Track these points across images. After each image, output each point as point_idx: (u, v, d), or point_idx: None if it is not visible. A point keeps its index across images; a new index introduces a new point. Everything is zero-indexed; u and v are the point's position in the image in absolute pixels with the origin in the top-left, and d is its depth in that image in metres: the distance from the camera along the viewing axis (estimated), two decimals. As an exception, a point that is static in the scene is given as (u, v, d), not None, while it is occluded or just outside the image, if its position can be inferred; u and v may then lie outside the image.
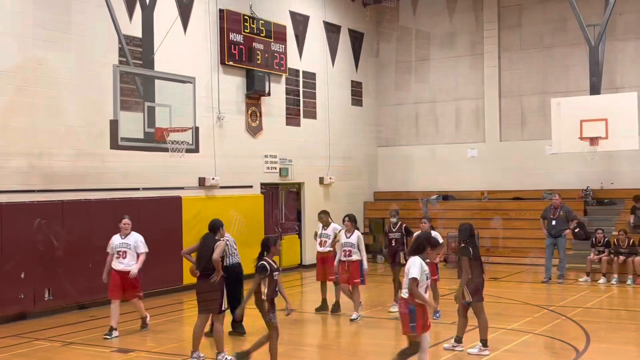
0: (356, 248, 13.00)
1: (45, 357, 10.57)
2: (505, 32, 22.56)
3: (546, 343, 11.10)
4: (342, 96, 22.69)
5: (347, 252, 12.93)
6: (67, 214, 13.97)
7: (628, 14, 20.82)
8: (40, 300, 13.48)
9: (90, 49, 14.84)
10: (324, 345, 11.66)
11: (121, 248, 11.87)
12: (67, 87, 14.43)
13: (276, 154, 19.82)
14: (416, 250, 8.43)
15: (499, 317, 12.88)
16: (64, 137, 14.34)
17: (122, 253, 11.81)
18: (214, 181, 17.45)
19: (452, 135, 23.39)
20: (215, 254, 9.69)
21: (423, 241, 8.52)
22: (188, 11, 17.17)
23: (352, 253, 12.93)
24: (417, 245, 8.51)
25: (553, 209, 17.36)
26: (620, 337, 11.47)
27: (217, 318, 9.79)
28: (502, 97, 22.59)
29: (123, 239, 11.90)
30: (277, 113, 19.96)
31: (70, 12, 14.52)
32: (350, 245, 12.96)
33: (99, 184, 14.95)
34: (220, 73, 17.99)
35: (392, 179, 24.17)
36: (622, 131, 16.16)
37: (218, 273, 9.71)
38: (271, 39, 19.33)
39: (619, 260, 16.81)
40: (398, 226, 13.89)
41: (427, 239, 8.64)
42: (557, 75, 21.77)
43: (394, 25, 24.15)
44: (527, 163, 21.99)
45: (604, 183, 20.94)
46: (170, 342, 11.21)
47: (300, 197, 20.96)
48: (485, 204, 22.04)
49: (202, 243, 9.93)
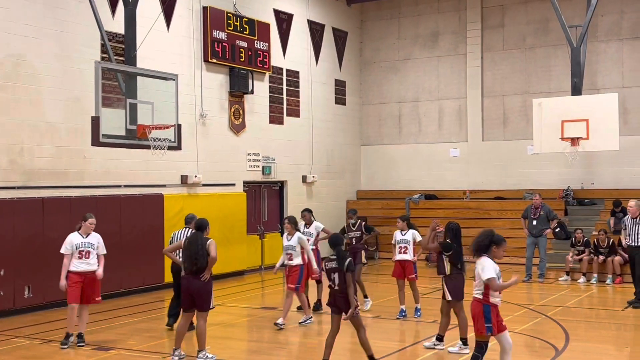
0: (298, 251, 12.43)
1: (24, 354, 10.49)
2: (488, 33, 22.67)
3: (526, 342, 11.17)
4: (326, 95, 22.71)
5: (289, 255, 12.42)
6: (47, 211, 13.87)
7: (609, 15, 20.99)
8: (20, 298, 13.39)
9: (72, 45, 14.74)
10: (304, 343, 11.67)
11: (84, 248, 10.88)
12: (48, 83, 14.32)
13: (259, 152, 19.80)
14: (481, 250, 7.92)
15: (479, 316, 12.94)
16: (44, 133, 14.24)
17: (85, 253, 10.87)
18: (196, 179, 17.41)
19: (435, 135, 23.47)
20: (212, 253, 9.67)
21: (485, 239, 7.92)
22: (171, 8, 17.10)
23: (293, 257, 12.35)
24: (480, 244, 7.93)
25: (534, 209, 17.46)
26: (599, 336, 11.56)
27: (202, 316, 9.77)
28: (485, 97, 22.71)
29: (85, 238, 10.95)
30: (261, 111, 19.93)
31: (52, 8, 14.42)
32: (291, 249, 12.40)
33: (80, 181, 14.86)
34: (203, 70, 17.94)
35: (375, 178, 24.24)
36: (602, 132, 16.33)
37: (209, 271, 9.70)
38: (255, 36, 19.30)
39: (599, 259, 16.95)
40: (357, 225, 13.76)
41: (490, 236, 7.93)
42: (539, 75, 21.91)
43: (377, 24, 24.21)
44: (509, 163, 22.13)
45: (585, 183, 21.11)
46: (152, 340, 11.17)
47: (283, 195, 20.96)
48: (467, 203, 22.15)
49: (193, 242, 9.81)
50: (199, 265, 9.66)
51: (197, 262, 9.66)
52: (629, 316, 13.08)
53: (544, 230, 17.29)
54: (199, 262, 9.65)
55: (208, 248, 9.74)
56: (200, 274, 9.66)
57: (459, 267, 10.34)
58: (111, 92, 13.71)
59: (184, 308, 9.90)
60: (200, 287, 9.66)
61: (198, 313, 9.79)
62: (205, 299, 9.74)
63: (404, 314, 12.73)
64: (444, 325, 10.44)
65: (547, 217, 17.36)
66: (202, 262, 9.66)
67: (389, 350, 10.41)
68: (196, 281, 9.66)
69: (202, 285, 9.66)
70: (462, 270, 10.40)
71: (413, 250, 12.82)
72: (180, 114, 14.13)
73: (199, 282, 9.64)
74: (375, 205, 23.22)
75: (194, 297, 9.72)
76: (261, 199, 20.30)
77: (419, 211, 21.28)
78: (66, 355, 10.45)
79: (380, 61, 24.20)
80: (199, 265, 9.66)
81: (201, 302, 9.72)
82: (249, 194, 19.52)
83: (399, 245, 12.85)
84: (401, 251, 12.79)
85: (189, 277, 9.73)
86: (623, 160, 20.17)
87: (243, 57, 18.89)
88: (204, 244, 9.74)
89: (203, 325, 9.78)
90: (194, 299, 9.73)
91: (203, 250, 9.69)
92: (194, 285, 9.67)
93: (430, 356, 10.13)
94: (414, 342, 11.10)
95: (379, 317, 12.98)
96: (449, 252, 10.24)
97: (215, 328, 11.91)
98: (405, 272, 12.77)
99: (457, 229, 10.41)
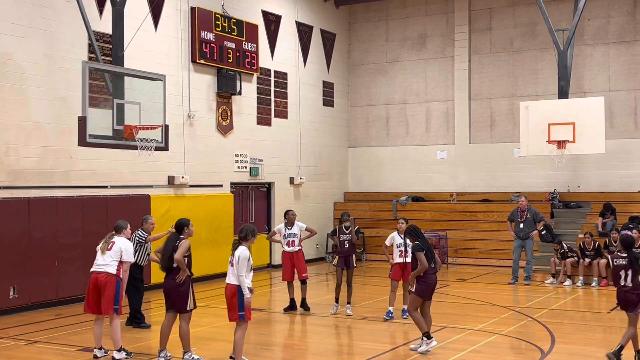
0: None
1: (9, 355, 10.42)
2: (475, 36, 22.75)
3: (512, 344, 11.21)
4: (314, 96, 22.71)
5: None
6: (33, 211, 13.79)
7: (596, 19, 21.11)
8: (4, 298, 13.30)
9: (59, 44, 14.67)
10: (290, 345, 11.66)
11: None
12: (35, 82, 14.25)
13: (246, 153, 19.77)
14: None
15: (465, 318, 13.00)
16: (31, 133, 14.16)
17: None
18: (183, 180, 17.36)
19: (422, 137, 23.52)
20: (177, 254, 9.63)
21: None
22: (159, 8, 17.06)
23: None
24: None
25: (520, 212, 17.51)
26: (584, 338, 11.62)
27: (183, 317, 9.74)
28: (472, 99, 22.78)
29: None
30: (248, 112, 19.91)
31: (39, 7, 14.34)
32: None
33: (66, 181, 14.78)
34: (191, 71, 17.90)
35: (363, 180, 24.26)
36: (589, 135, 16.41)
37: (184, 272, 9.66)
38: (243, 37, 19.28)
39: (585, 262, 17.03)
40: (350, 229, 13.44)
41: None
42: (526, 79, 22.01)
43: (365, 26, 24.24)
44: (496, 165, 22.21)
45: (571, 186, 21.21)
46: (138, 342, 11.12)
47: (270, 196, 20.94)
48: (454, 205, 22.21)
49: (167, 242, 9.85)
50: (164, 265, 9.70)
51: (163, 262, 9.73)
52: (614, 318, 13.15)
53: (531, 232, 17.36)
54: (164, 262, 9.70)
55: (177, 248, 9.72)
56: (172, 274, 9.65)
57: (432, 266, 10.35)
58: (98, 92, 13.66)
59: (166, 308, 9.89)
60: (174, 287, 9.65)
61: (179, 314, 9.77)
62: (181, 300, 9.69)
63: (391, 314, 12.74)
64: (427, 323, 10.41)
65: (533, 219, 17.43)
66: (167, 263, 9.67)
67: (377, 352, 10.42)
68: (171, 281, 9.67)
69: (176, 285, 9.64)
70: (436, 269, 10.46)
71: None
72: (168, 114, 14.10)
73: (174, 282, 9.64)
74: (363, 207, 23.24)
75: (170, 297, 9.74)
76: (248, 201, 20.26)
77: (406, 213, 21.28)
78: (51, 357, 10.38)
79: (368, 63, 24.23)
80: (164, 264, 9.70)
81: (177, 302, 9.71)
82: (236, 195, 19.48)
83: (400, 249, 12.80)
84: (401, 254, 12.74)
85: (166, 277, 9.76)
86: (609, 164, 20.30)
87: (231, 58, 18.86)
88: (172, 244, 9.72)
89: (185, 326, 9.75)
90: (170, 299, 9.75)
91: (171, 252, 9.67)
92: (169, 285, 9.70)
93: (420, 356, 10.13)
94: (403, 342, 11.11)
95: (366, 318, 12.98)
96: (423, 252, 10.28)
97: (202, 329, 11.89)
98: (404, 274, 12.65)
99: (416, 230, 10.59)
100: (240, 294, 9.24)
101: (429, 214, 22.06)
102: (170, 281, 9.67)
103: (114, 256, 10.08)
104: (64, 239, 14.21)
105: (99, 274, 10.07)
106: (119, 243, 10.17)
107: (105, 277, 10.00)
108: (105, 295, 9.97)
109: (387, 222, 21.77)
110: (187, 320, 9.77)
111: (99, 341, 10.20)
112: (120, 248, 10.12)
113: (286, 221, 13.72)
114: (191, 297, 9.78)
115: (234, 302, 9.26)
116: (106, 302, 9.95)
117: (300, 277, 13.58)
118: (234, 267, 9.30)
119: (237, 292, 9.24)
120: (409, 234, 10.67)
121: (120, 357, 9.96)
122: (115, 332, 9.99)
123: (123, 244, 10.19)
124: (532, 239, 17.39)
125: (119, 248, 10.12)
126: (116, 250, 10.11)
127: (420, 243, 10.41)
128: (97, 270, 10.10)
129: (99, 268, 10.10)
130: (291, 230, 13.64)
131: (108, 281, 9.99)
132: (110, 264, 10.06)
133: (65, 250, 14.29)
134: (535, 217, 17.47)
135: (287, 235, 13.64)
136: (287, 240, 13.65)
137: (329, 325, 12.71)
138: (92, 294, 10.11)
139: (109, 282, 9.99)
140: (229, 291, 9.32)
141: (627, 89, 20.75)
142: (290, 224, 13.68)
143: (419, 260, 10.28)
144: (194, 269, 9.99)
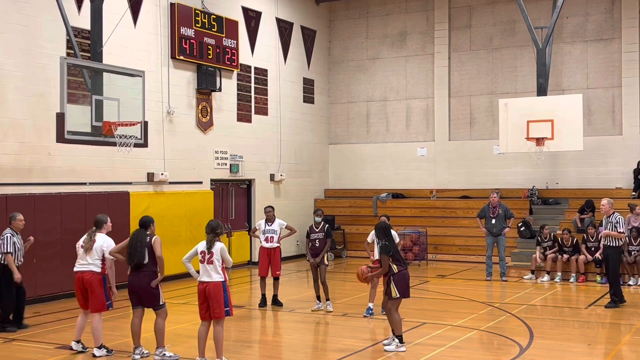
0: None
1: (-14, 354, 10.33)
2: (455, 33, 22.84)
3: (491, 339, 11.28)
4: (294, 93, 22.69)
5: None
6: (10, 208, 13.61)
7: (574, 17, 21.27)
8: (-19, 296, 13.14)
9: (37, 40, 14.54)
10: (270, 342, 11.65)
11: None
12: (12, 78, 14.11)
13: (227, 149, 19.72)
14: None
15: (444, 314, 13.06)
16: (8, 129, 14.03)
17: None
18: (162, 176, 17.28)
19: (402, 134, 23.58)
20: (158, 252, 9.59)
21: None
22: (138, 4, 16.95)
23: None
24: None
25: (492, 208, 17.45)
26: (563, 334, 11.71)
27: (159, 313, 9.73)
28: (452, 97, 22.87)
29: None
30: (228, 109, 19.86)
31: (17, 2, 14.20)
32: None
33: (44, 178, 14.66)
34: (170, 67, 17.82)
35: (343, 177, 24.29)
36: (567, 132, 16.55)
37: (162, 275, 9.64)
38: (223, 34, 19.21)
39: (563, 258, 17.16)
40: (321, 226, 13.39)
41: None
42: (506, 76, 22.14)
43: (346, 24, 24.25)
44: (475, 162, 22.32)
45: (550, 183, 21.38)
46: (116, 339, 11.05)
47: (251, 193, 20.90)
48: (433, 202, 22.30)
49: (134, 238, 9.73)
50: (135, 261, 9.60)
51: (134, 258, 9.61)
52: (591, 314, 13.28)
53: (504, 229, 17.35)
54: (136, 258, 9.60)
55: (153, 246, 9.65)
56: (140, 269, 9.59)
57: (402, 264, 10.35)
58: (76, 89, 13.55)
59: (132, 304, 9.84)
60: (142, 284, 9.61)
61: (154, 311, 9.73)
62: (151, 296, 9.66)
63: (371, 311, 12.77)
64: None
65: (505, 215, 17.43)
66: (140, 258, 9.59)
67: (357, 348, 10.43)
68: (139, 277, 9.61)
69: (145, 281, 9.60)
70: (406, 265, 10.46)
71: None
72: (147, 111, 14.02)
73: (142, 278, 9.59)
74: (343, 204, 23.28)
75: (139, 294, 9.68)
76: (229, 198, 20.22)
77: (386, 210, 21.36)
78: (29, 355, 10.30)
79: (349, 60, 24.25)
80: (136, 260, 9.60)
81: (147, 299, 9.68)
82: (217, 192, 19.43)
83: None
84: None
85: (132, 273, 9.68)
86: (587, 161, 20.47)
87: (211, 54, 18.79)
88: (143, 241, 9.66)
89: (160, 322, 9.73)
90: (140, 296, 9.69)
91: (142, 247, 9.61)
92: (137, 282, 9.64)
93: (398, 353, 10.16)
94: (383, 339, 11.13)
95: (346, 314, 13.01)
96: (390, 253, 10.25)
97: (181, 327, 11.85)
98: None
99: (386, 227, 10.57)
100: (225, 290, 9.21)
101: (409, 210, 22.14)
102: (142, 278, 9.59)
103: (96, 255, 10.06)
104: (42, 237, 14.09)
105: (83, 273, 10.04)
106: (99, 241, 10.12)
107: (91, 276, 9.99)
108: (95, 295, 9.97)
109: (367, 218, 21.83)
110: (163, 316, 9.76)
111: (79, 333, 10.21)
112: (101, 246, 10.08)
113: (266, 217, 13.77)
114: (161, 291, 9.76)
115: (219, 299, 9.20)
116: (96, 301, 9.95)
117: (273, 274, 13.68)
118: (213, 264, 9.23)
119: (223, 288, 9.20)
120: (379, 230, 10.59)
121: (100, 355, 9.91)
122: (97, 329, 9.95)
123: (104, 241, 10.15)
124: (504, 235, 17.38)
125: (99, 246, 10.07)
126: (97, 248, 10.06)
127: (389, 244, 10.36)
128: (82, 269, 10.07)
129: (82, 267, 10.07)
130: (271, 227, 13.72)
131: (94, 280, 9.97)
132: (94, 263, 10.04)
133: (44, 247, 14.18)
134: (506, 213, 17.46)
135: (266, 232, 13.72)
136: (265, 236, 13.72)
137: (309, 322, 12.73)
138: (79, 293, 10.13)
139: (94, 281, 9.97)
140: (213, 288, 9.20)
141: (605, 87, 20.93)
142: (270, 220, 13.72)
143: (382, 263, 10.26)
144: (175, 266, 9.95)
